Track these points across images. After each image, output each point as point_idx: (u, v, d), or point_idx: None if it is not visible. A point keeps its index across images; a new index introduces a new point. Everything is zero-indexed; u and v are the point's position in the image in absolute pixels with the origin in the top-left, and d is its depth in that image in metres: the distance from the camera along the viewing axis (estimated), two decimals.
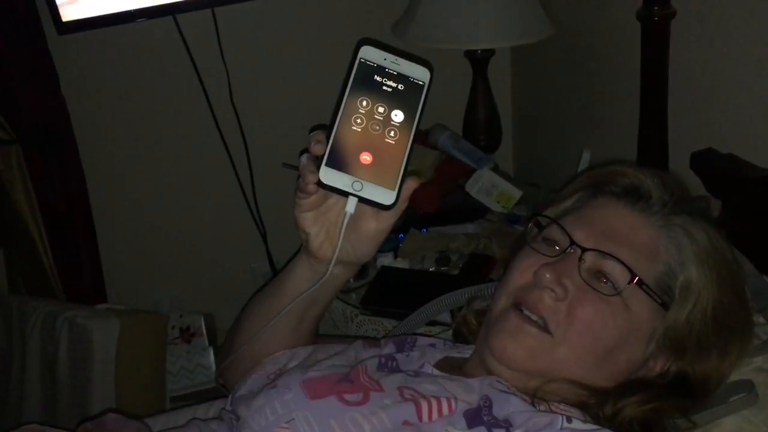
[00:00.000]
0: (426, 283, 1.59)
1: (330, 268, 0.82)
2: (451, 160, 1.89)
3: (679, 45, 1.26)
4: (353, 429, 0.75)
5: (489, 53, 1.88)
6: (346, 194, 0.76)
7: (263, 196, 2.10)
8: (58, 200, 1.83)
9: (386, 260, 1.68)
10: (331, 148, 0.75)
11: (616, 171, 0.91)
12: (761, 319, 0.95)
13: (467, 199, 1.82)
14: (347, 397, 0.79)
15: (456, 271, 1.61)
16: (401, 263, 1.68)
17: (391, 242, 1.70)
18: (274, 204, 2.05)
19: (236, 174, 2.07)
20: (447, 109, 2.01)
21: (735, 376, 0.89)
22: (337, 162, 0.75)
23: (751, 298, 0.93)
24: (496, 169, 1.89)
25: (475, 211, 1.79)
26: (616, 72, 1.56)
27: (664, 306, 0.85)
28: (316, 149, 0.75)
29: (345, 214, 0.78)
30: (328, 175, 0.75)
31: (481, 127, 1.96)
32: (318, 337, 1.04)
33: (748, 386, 0.87)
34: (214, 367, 2.01)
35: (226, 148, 2.03)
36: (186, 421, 1.06)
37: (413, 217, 1.77)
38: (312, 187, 0.77)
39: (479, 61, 1.89)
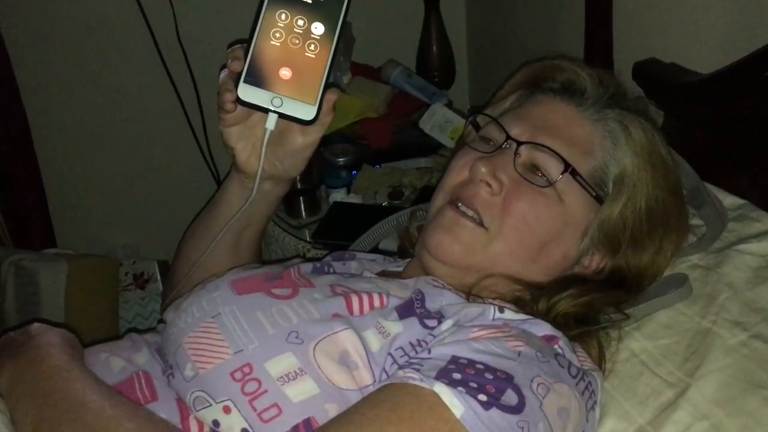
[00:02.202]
0: (378, 216, 1.55)
1: (256, 185, 0.82)
2: (403, 95, 1.87)
3: None
4: (280, 320, 0.74)
5: None
6: (266, 111, 0.75)
7: (214, 138, 2.05)
8: (0, 143, 1.77)
9: (339, 196, 1.68)
10: (249, 64, 0.74)
11: (554, 65, 0.91)
12: (697, 221, 0.95)
13: (421, 135, 1.81)
14: (275, 291, 0.78)
15: (408, 205, 1.60)
16: (354, 199, 1.67)
17: (343, 179, 1.69)
18: None
19: (186, 115, 2.02)
20: (400, 44, 2.00)
21: (670, 272, 0.90)
22: (256, 78, 0.74)
23: (686, 197, 0.93)
24: (450, 105, 1.87)
25: (429, 146, 1.79)
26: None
27: (598, 199, 0.85)
28: (234, 66, 0.74)
29: (265, 130, 0.77)
30: (247, 92, 0.74)
31: (435, 63, 1.94)
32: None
33: (682, 280, 0.87)
34: None
35: (175, 89, 1.98)
36: None
37: (366, 153, 1.76)
38: (230, 105, 0.76)
39: None
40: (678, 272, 0.89)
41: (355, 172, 1.71)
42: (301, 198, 1.64)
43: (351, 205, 1.65)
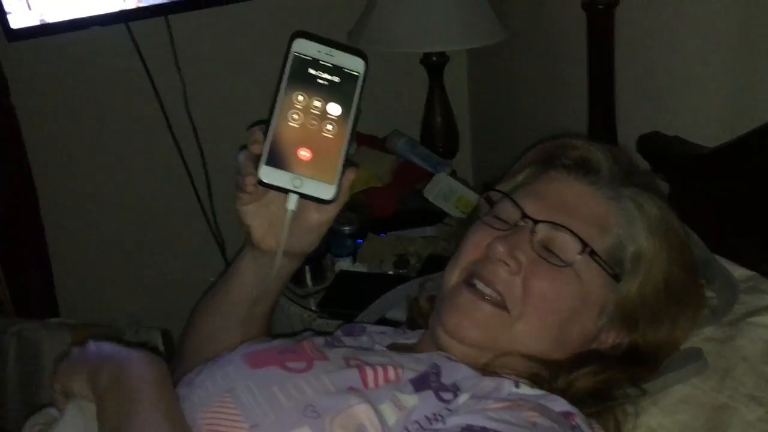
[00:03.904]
0: (384, 285, 1.54)
1: (276, 265, 0.82)
2: (408, 165, 1.89)
3: (624, 33, 1.28)
4: (296, 394, 0.73)
5: (444, 60, 1.89)
6: (286, 191, 0.76)
7: (220, 208, 2.07)
8: (6, 210, 1.78)
9: (345, 265, 1.67)
10: (269, 146, 0.75)
11: (566, 144, 0.92)
12: (710, 293, 0.95)
13: (425, 205, 1.82)
14: (290, 365, 0.78)
15: (414, 274, 1.60)
16: (360, 268, 1.67)
17: (349, 247, 1.69)
18: (231, 215, 1.97)
19: (193, 185, 2.04)
20: (404, 116, 2.03)
21: (685, 346, 0.89)
22: (276, 160, 0.75)
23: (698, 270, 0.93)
24: (454, 175, 1.89)
25: (433, 215, 1.79)
26: (567, 69, 1.58)
27: (615, 277, 0.84)
28: (254, 149, 0.75)
29: (287, 211, 0.78)
30: (268, 174, 0.75)
31: (439, 134, 1.97)
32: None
33: (697, 354, 0.87)
34: None
35: (182, 159, 2.01)
36: None
37: (371, 221, 1.77)
38: (251, 187, 0.77)
39: (435, 67, 1.91)
40: (692, 346, 0.89)
41: (360, 240, 1.72)
42: (306, 267, 1.64)
43: (357, 274, 1.64)
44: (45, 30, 1.70)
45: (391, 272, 1.64)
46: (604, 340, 0.87)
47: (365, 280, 1.62)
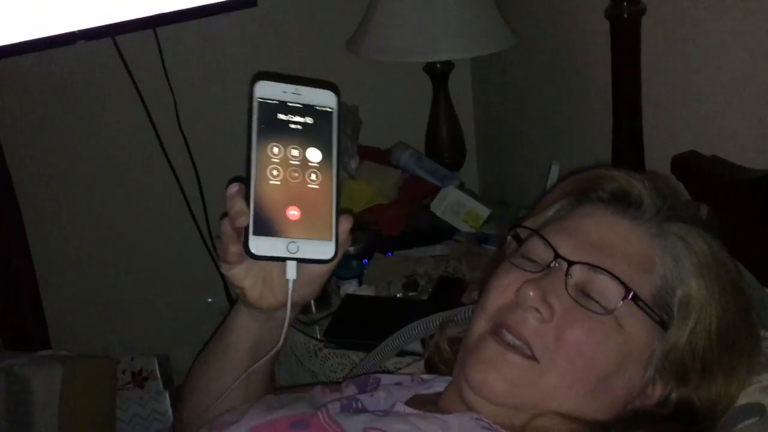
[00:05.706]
0: (394, 310, 1.50)
1: (283, 334, 0.74)
2: (414, 179, 1.82)
3: (652, 43, 1.20)
4: None
5: (449, 67, 1.81)
6: (283, 260, 0.68)
7: (217, 226, 1.97)
8: None
9: (350, 288, 1.60)
10: (254, 214, 0.66)
11: (603, 175, 0.83)
12: (765, 335, 0.86)
13: (433, 220, 1.75)
14: None
15: (425, 296, 1.53)
16: (366, 290, 1.59)
17: (355, 269, 1.61)
18: None
19: (188, 204, 1.95)
20: (408, 126, 1.96)
21: (740, 395, 0.80)
22: (264, 228, 0.66)
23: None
24: (461, 187, 1.82)
25: (442, 231, 1.72)
26: (584, 78, 1.50)
27: (663, 325, 0.76)
28: (240, 222, 0.66)
29: (287, 281, 0.70)
30: (259, 245, 0.66)
31: (445, 145, 1.89)
32: (277, 390, 0.94)
33: (759, 410, 0.78)
34: (170, 411, 1.88)
35: (176, 176, 1.92)
36: None
37: (377, 240, 1.69)
38: (236, 257, 0.70)
39: (439, 75, 1.83)
40: (748, 398, 0.80)
41: (366, 260, 1.64)
42: None
43: (364, 299, 1.56)
44: (28, 47, 1.61)
45: (399, 295, 1.56)
46: (650, 393, 0.78)
47: (373, 304, 1.55)
